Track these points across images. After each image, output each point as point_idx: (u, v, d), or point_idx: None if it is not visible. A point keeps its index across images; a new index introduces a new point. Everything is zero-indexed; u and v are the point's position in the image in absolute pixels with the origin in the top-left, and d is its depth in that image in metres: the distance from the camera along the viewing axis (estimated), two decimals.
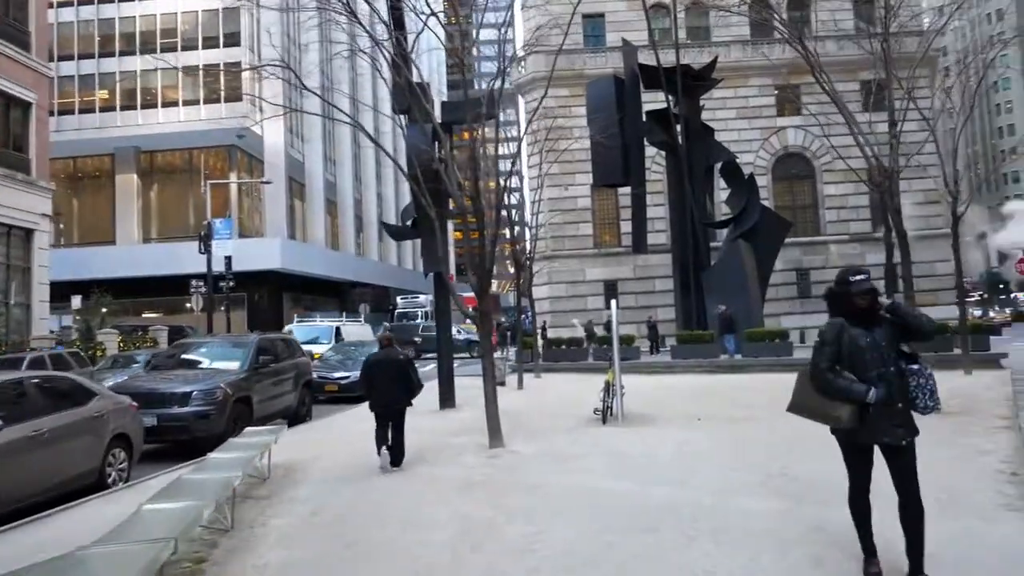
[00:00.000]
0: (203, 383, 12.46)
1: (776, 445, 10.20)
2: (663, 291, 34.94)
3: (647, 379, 20.81)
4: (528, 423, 13.22)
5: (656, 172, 35.12)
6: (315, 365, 21.14)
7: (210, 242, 32.88)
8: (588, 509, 7.27)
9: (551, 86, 37.25)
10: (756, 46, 39.62)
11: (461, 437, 11.73)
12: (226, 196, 50.01)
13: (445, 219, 14.40)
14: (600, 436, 11.56)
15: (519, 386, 20.12)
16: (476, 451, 10.53)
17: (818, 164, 39.19)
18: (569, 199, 38.24)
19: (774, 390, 17.94)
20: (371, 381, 9.77)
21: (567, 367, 25.03)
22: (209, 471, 7.14)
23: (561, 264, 38.62)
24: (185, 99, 50.61)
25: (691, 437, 11.17)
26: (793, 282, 37.70)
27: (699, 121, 29.63)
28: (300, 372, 15.79)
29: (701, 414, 13.42)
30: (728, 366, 23.20)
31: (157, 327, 35.52)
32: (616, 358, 12.99)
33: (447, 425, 13.44)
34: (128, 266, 43.10)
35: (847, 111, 12.70)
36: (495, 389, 11.00)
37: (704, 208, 29.90)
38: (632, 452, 10.13)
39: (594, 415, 12.74)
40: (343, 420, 15.46)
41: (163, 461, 11.39)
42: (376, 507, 7.79)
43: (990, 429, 10.61)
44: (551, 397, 17.95)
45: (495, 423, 10.74)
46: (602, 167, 28.89)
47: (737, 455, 9.69)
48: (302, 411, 15.72)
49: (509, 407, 15.83)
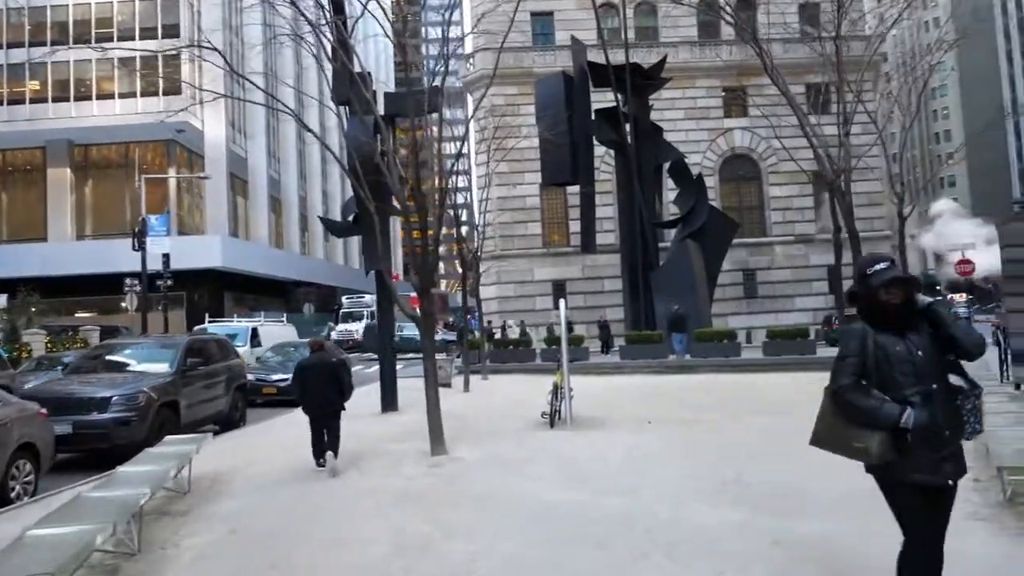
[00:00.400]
0: (124, 387, 11.61)
1: (728, 449, 9.88)
2: (612, 291, 34.71)
3: (596, 380, 20.45)
4: (473, 427, 12.70)
5: (605, 172, 34.88)
6: (253, 367, 20.32)
7: (144, 239, 31.53)
8: (534, 522, 6.77)
9: (499, 84, 37.09)
10: (704, 47, 39.74)
11: (402, 443, 11.11)
12: (164, 192, 48.43)
13: (387, 215, 13.76)
14: (548, 441, 11.09)
15: (465, 388, 19.56)
16: (417, 459, 9.95)
17: (764, 166, 39.46)
18: (518, 198, 37.79)
19: (723, 391, 17.88)
20: (304, 384, 9.71)
21: (515, 368, 24.55)
22: (114, 487, 6.43)
23: (510, 264, 38.15)
24: (121, 91, 48.79)
25: (641, 441, 10.79)
26: (740, 283, 37.84)
27: (648, 120, 29.47)
28: (233, 375, 14.95)
29: (651, 416, 13.07)
30: (677, 366, 22.99)
31: (88, 327, 34.03)
32: (565, 359, 12.53)
33: (388, 430, 12.82)
34: (60, 264, 41.31)
35: (800, 110, 12.47)
36: (437, 393, 10.44)
37: (653, 208, 29.73)
38: (581, 458, 9.68)
39: (542, 418, 12.25)
40: (280, 425, 14.71)
41: (79, 472, 10.53)
42: (304, 522, 7.17)
43: None
44: (498, 399, 17.45)
45: (437, 429, 10.19)
46: (551, 166, 28.52)
47: (689, 460, 9.32)
48: (235, 416, 14.88)
49: (454, 410, 15.28)
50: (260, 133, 55.54)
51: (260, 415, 16.88)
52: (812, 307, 37.32)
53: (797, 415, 12.72)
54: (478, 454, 10.11)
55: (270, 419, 15.89)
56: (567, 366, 12.35)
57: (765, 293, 38.08)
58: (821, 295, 37.83)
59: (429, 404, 10.25)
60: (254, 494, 8.44)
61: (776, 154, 38.07)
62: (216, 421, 14.33)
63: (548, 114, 27.68)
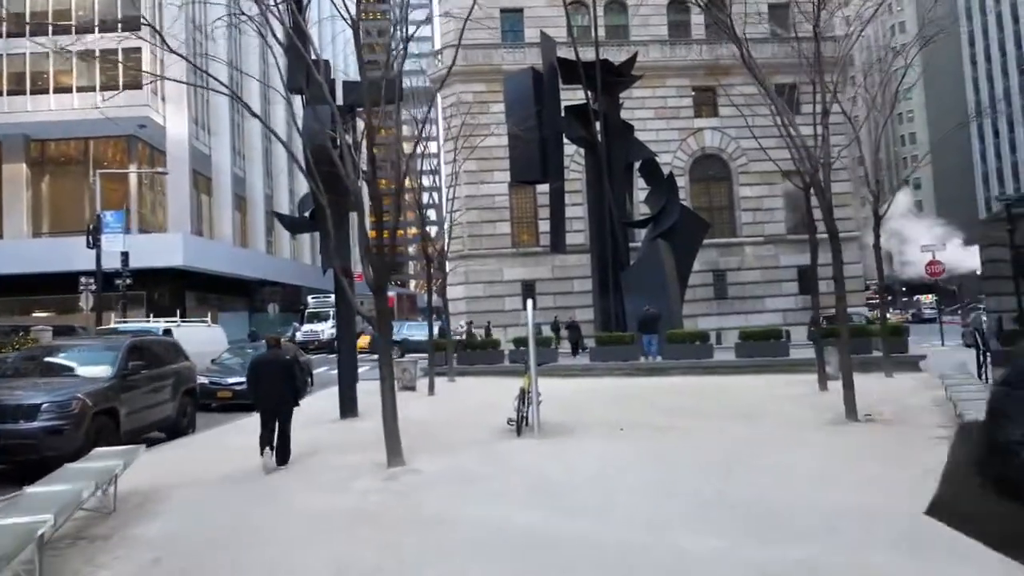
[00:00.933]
0: (56, 393, 10.68)
1: (705, 460, 9.28)
2: (582, 292, 34.15)
3: (566, 383, 19.84)
4: (435, 434, 11.99)
5: (575, 171, 34.34)
6: (208, 369, 19.45)
7: (99, 236, 30.38)
8: (495, 550, 6.09)
9: (468, 81, 36.47)
10: (675, 46, 39.35)
11: (357, 454, 10.35)
12: (125, 189, 47.17)
13: (344, 210, 13.00)
14: (513, 451, 10.41)
15: (430, 391, 18.84)
16: (372, 472, 9.21)
17: (734, 166, 39.16)
18: (486, 196, 37.09)
19: (696, 394, 17.32)
20: (258, 381, 9.95)
21: (483, 370, 23.84)
22: (16, 512, 5.62)
23: (478, 263, 37.44)
24: (80, 85, 47.59)
25: (613, 451, 10.16)
26: (710, 283, 37.50)
27: (619, 118, 28.95)
28: (181, 378, 14.03)
29: (623, 422, 12.47)
30: (648, 369, 22.45)
31: (40, 327, 32.71)
32: (532, 363, 11.82)
33: (344, 438, 12.05)
34: (16, 262, 39.95)
35: (779, 102, 11.94)
36: (394, 399, 9.72)
37: (623, 207, 29.19)
38: (549, 472, 9.00)
39: (508, 425, 11.56)
40: (232, 432, 13.87)
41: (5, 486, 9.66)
42: (241, 549, 6.42)
43: (931, 440, 9.90)
44: (463, 403, 16.73)
45: (394, 439, 9.47)
46: (520, 163, 27.87)
47: (665, 474, 8.69)
48: (183, 423, 13.98)
49: (417, 415, 14.59)
50: (225, 130, 54.40)
51: (214, 420, 16.06)
52: (782, 308, 37.15)
53: (773, 420, 12.31)
54: (438, 466, 9.40)
55: (223, 425, 15.07)
56: (535, 370, 11.66)
57: (735, 294, 37.78)
58: (791, 296, 37.67)
59: (385, 412, 9.54)
60: (189, 514, 7.64)
61: (746, 154, 37.90)
62: (162, 429, 13.44)
63: (517, 111, 27.04)
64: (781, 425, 11.83)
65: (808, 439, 10.56)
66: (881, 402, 13.24)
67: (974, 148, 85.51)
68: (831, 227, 11.52)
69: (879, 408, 12.56)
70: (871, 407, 12.25)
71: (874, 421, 11.59)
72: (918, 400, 13.93)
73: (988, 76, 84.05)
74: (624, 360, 23.07)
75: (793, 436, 10.86)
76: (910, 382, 17.20)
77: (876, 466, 8.61)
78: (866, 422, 11.52)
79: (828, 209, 11.53)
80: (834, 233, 11.46)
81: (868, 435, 10.57)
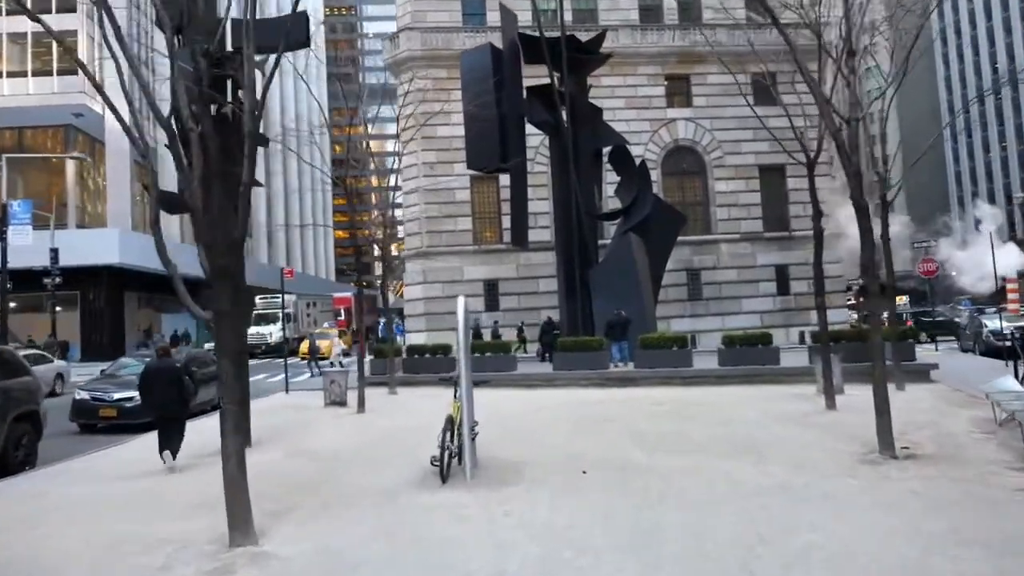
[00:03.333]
0: None
1: (712, 540, 6.24)
2: (548, 292, 31.37)
3: (523, 396, 16.97)
4: (333, 479, 8.96)
5: (540, 164, 31.53)
6: (92, 383, 16.34)
7: (4, 228, 26.98)
8: None
9: (427, 66, 33.38)
10: (646, 31, 36.63)
11: (196, 519, 7.18)
12: (61, 182, 43.98)
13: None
14: (430, 511, 7.34)
15: (359, 408, 15.73)
16: (204, 553, 6.12)
17: (709, 159, 36.53)
18: (446, 190, 34.10)
19: (679, 413, 13.90)
20: (149, 388, 10.46)
21: (430, 380, 20.62)
22: None
23: (437, 262, 34.44)
24: (10, 71, 44.51)
25: (573, 515, 7.11)
26: (683, 283, 34.82)
27: (586, 101, 26.12)
28: (12, 400, 10.77)
29: (589, 457, 9.53)
30: (619, 379, 19.61)
31: None
32: (464, 383, 8.64)
33: (194, 489, 8.67)
34: None
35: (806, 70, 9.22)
36: (240, 451, 6.54)
37: (592, 198, 26.33)
38: (471, 560, 5.97)
39: (432, 465, 8.51)
40: (91, 469, 10.72)
41: None
42: None
43: (1012, 492, 7.09)
44: (392, 425, 13.53)
45: (241, 506, 6.32)
46: (476, 147, 24.91)
47: (649, 568, 5.75)
48: (15, 457, 10.71)
49: (325, 445, 11.57)
50: None
51: (86, 445, 13.04)
52: (760, 309, 34.65)
53: (786, 456, 8.91)
54: (304, 546, 6.30)
55: (89, 454, 11.97)
56: (467, 391, 8.57)
57: (710, 294, 35.15)
58: (769, 296, 35.20)
59: (226, 470, 6.40)
60: None
61: (721, 147, 35.50)
62: None
63: (473, 89, 24.16)
64: (800, 465, 8.69)
65: (845, 493, 7.55)
66: (909, 425, 10.47)
67: (946, 147, 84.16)
68: (858, 201, 8.71)
69: (913, 437, 9.81)
70: (903, 435, 9.48)
71: (915, 457, 8.77)
72: (955, 423, 11.15)
73: (961, 77, 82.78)
74: (592, 368, 20.19)
75: (823, 486, 7.82)
76: (927, 396, 14.53)
77: (964, 549, 5.80)
78: (906, 458, 8.69)
79: (856, 174, 8.71)
80: (862, 207, 8.67)
81: (921, 482, 7.67)
